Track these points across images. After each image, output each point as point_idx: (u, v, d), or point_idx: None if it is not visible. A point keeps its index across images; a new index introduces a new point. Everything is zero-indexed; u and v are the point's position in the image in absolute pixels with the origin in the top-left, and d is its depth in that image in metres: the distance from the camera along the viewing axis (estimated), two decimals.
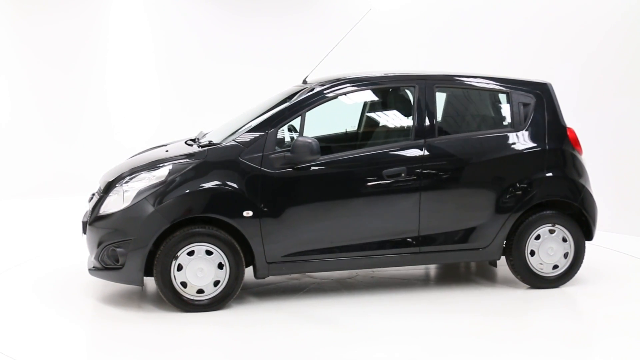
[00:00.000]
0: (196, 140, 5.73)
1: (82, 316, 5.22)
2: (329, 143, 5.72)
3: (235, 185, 5.12)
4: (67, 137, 11.19)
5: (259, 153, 5.19)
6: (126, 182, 5.20)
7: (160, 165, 5.22)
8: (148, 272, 5.13)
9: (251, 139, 5.21)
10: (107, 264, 5.16)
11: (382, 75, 5.70)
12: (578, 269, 5.74)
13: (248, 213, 5.11)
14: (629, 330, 4.82)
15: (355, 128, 6.13)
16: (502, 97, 5.74)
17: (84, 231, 5.38)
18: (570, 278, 5.74)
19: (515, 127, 5.64)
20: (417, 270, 6.35)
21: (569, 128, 5.76)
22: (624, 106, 8.05)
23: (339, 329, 4.86)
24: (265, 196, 5.15)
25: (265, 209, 5.14)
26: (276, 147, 5.23)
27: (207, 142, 5.41)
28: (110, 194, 5.22)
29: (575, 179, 5.68)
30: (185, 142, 5.76)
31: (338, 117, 6.02)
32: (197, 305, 5.14)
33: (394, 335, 4.71)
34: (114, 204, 5.16)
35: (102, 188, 5.38)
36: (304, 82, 5.89)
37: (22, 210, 9.90)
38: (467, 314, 5.13)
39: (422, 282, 6.00)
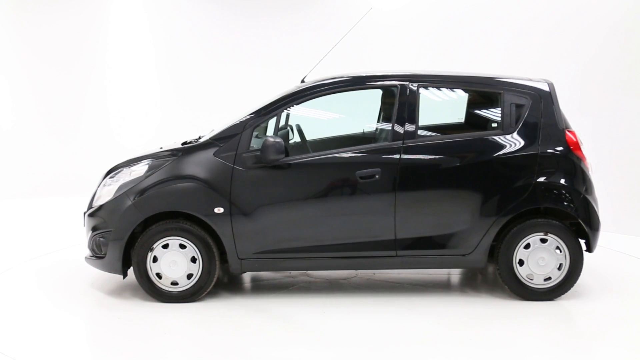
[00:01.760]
0: (196, 139, 5.92)
1: (79, 311, 5.33)
2: (304, 143, 5.73)
3: (208, 182, 5.26)
4: (68, 137, 11.23)
5: (232, 151, 5.30)
6: (111, 176, 5.52)
7: (142, 161, 5.48)
8: None
9: (227, 138, 5.33)
10: (95, 253, 5.50)
11: (365, 75, 5.59)
12: (574, 282, 5.36)
13: (219, 210, 5.24)
14: (623, 342, 4.53)
15: (337, 128, 6.09)
16: (494, 98, 5.46)
17: (84, 222, 5.75)
18: (565, 291, 5.37)
19: (504, 129, 5.34)
20: (419, 275, 6.19)
21: (569, 131, 5.38)
22: (625, 106, 7.85)
23: (286, 328, 4.89)
24: (237, 194, 5.24)
25: (237, 207, 5.24)
26: (252, 146, 5.32)
27: (193, 140, 5.60)
28: (100, 187, 5.56)
29: (571, 186, 5.29)
30: (184, 142, 5.96)
31: (322, 117, 6.04)
32: (171, 297, 5.35)
33: (339, 336, 4.65)
34: (103, 196, 5.49)
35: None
36: (302, 82, 5.92)
37: (22, 210, 9.83)
38: (431, 319, 4.95)
39: (412, 287, 5.81)
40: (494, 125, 5.43)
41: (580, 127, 5.71)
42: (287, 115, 6.10)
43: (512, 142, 5.30)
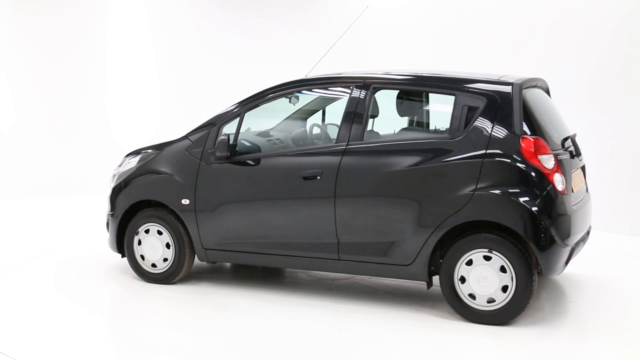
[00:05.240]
0: None
1: (77, 311, 5.39)
2: (262, 143, 5.83)
3: (178, 175, 5.71)
4: (68, 137, 11.04)
5: (201, 148, 5.68)
6: (119, 165, 6.26)
7: (136, 153, 6.13)
8: None
9: (198, 135, 5.73)
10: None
11: (323, 77, 5.55)
12: (523, 307, 4.76)
13: (186, 201, 5.67)
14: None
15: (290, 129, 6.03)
16: (446, 100, 5.03)
17: None
18: (512, 317, 4.81)
19: (451, 133, 4.90)
20: (412, 284, 5.89)
21: (526, 138, 4.74)
22: (624, 106, 7.70)
23: (207, 318, 5.14)
24: (201, 188, 5.61)
25: (200, 199, 5.61)
26: None
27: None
28: (112, 175, 6.34)
29: (517, 198, 4.68)
30: None
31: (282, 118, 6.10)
32: (151, 277, 5.92)
33: (242, 332, 4.82)
34: (114, 182, 6.25)
35: None
36: None
37: (22, 210, 9.60)
38: (339, 327, 4.83)
39: (384, 294, 5.58)
40: (442, 128, 5.03)
41: (580, 126, 5.12)
42: (324, 114, 6.29)
43: (457, 148, 4.86)
